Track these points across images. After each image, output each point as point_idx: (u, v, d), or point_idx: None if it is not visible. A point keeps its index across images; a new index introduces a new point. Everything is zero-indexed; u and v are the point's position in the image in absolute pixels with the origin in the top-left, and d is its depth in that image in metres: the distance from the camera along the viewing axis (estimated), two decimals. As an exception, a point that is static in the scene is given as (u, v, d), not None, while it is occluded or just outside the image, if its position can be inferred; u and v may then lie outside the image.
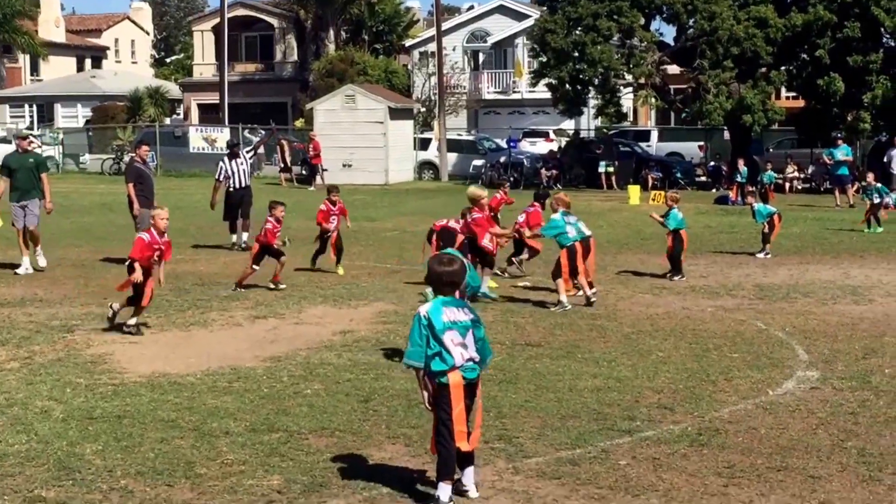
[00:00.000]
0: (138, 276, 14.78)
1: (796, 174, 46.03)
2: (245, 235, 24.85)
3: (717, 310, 17.21)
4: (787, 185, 44.95)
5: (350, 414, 10.95)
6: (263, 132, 52.51)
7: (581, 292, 17.56)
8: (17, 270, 20.72)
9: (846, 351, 14.13)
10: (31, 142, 24.46)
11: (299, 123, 61.48)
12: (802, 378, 12.65)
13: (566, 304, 17.02)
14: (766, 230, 23.80)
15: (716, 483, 8.98)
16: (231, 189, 25.06)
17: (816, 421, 10.85)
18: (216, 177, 25.73)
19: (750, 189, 31.48)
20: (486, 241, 17.89)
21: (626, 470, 9.29)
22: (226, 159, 25.64)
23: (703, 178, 48.64)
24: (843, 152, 40.11)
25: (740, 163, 41.51)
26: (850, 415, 11.07)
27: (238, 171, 25.14)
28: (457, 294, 8.71)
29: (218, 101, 66.05)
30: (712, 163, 49.74)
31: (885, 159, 39.97)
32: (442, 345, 8.24)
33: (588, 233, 17.90)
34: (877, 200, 29.31)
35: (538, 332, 15.28)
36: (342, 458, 9.53)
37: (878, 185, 30.81)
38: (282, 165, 50.47)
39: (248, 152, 26.25)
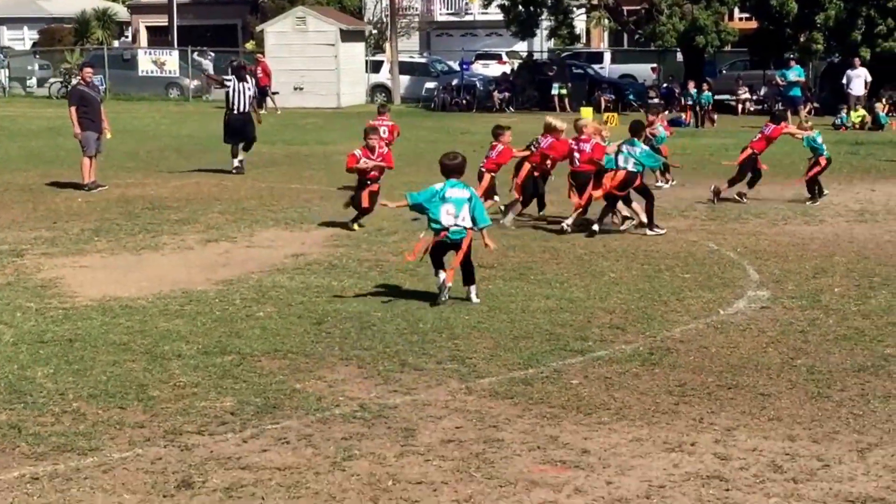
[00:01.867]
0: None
1: (748, 95, 46.02)
2: (242, 156, 24.62)
3: (669, 231, 17.25)
4: (740, 106, 44.96)
5: (303, 336, 10.95)
6: (212, 55, 52.02)
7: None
8: None
9: (796, 271, 14.24)
10: None
11: (250, 46, 60.78)
12: (753, 298, 12.75)
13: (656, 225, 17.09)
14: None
15: (667, 401, 9.06)
16: (235, 112, 24.62)
17: (767, 340, 10.95)
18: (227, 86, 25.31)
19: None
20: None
21: (578, 389, 9.35)
22: (235, 79, 25.23)
23: (656, 101, 48.55)
24: (795, 73, 40.18)
25: (690, 84, 41.50)
26: (800, 333, 11.19)
27: (244, 94, 24.76)
28: None
29: (167, 24, 65.21)
30: (665, 85, 49.66)
31: (843, 80, 39.97)
32: (438, 212, 12.15)
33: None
34: None
35: (491, 254, 15.26)
36: (295, 379, 9.54)
37: None
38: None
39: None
